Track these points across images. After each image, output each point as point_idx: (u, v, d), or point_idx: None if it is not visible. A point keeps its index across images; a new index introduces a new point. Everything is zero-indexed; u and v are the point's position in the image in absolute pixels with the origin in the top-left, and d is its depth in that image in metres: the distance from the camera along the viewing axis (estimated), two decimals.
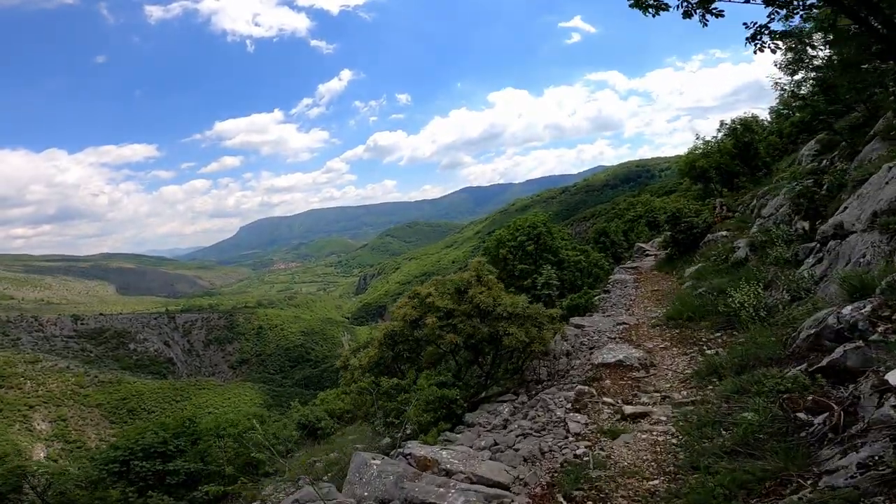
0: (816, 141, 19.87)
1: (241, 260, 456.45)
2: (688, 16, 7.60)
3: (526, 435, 5.48)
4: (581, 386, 6.99)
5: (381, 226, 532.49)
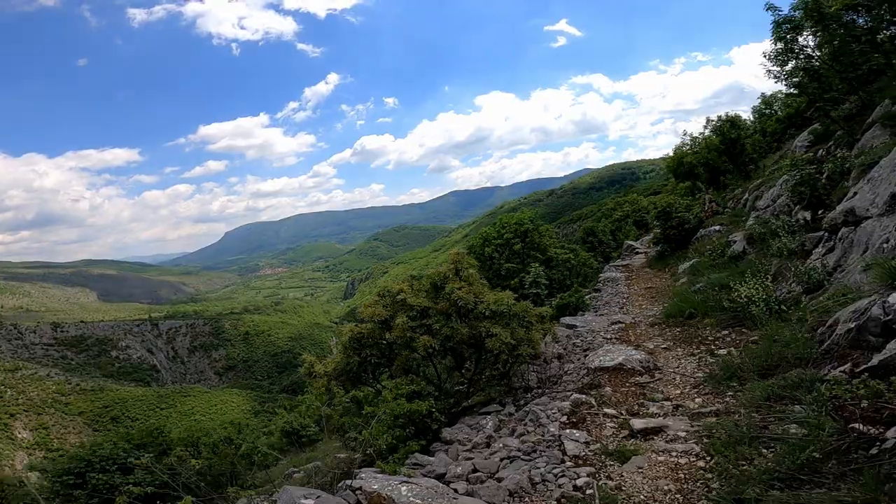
0: (809, 132, 19.39)
1: (227, 265, 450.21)
2: None
3: (512, 458, 4.50)
4: (577, 394, 6.03)
5: (369, 230, 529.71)
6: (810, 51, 15.81)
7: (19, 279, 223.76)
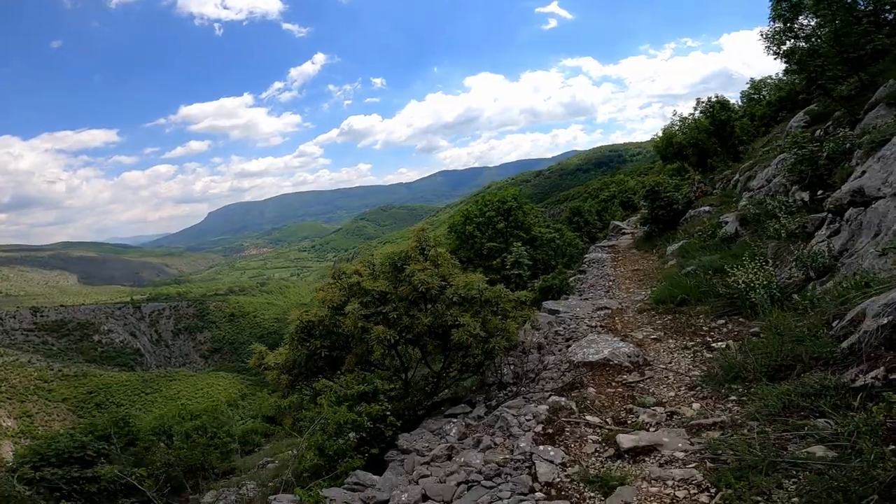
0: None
1: (211, 246, 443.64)
2: None
3: (471, 484, 3.64)
4: (556, 397, 5.21)
5: (356, 210, 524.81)
6: (810, 30, 15.14)
7: None
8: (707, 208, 17.37)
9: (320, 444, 4.65)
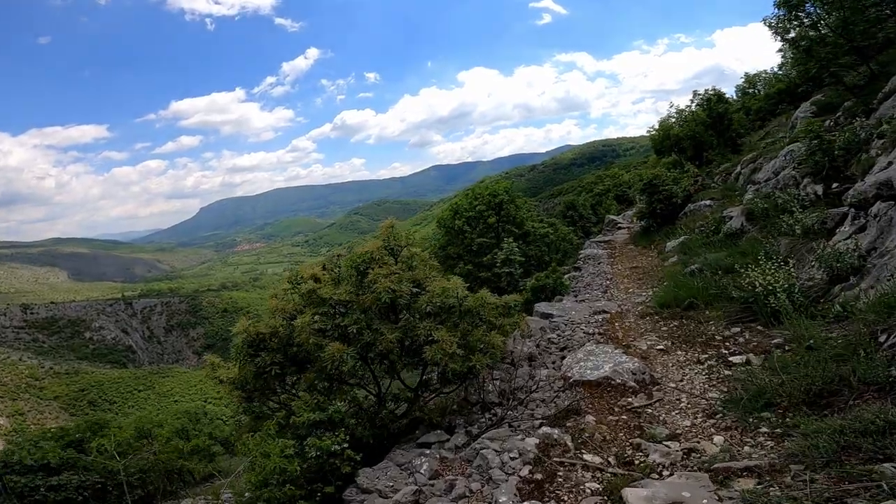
0: (812, 103, 17.90)
1: (203, 242, 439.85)
2: None
3: None
4: (547, 428, 4.33)
5: (350, 204, 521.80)
6: (816, 17, 14.44)
7: None
8: (708, 202, 16.56)
9: (276, 474, 3.80)
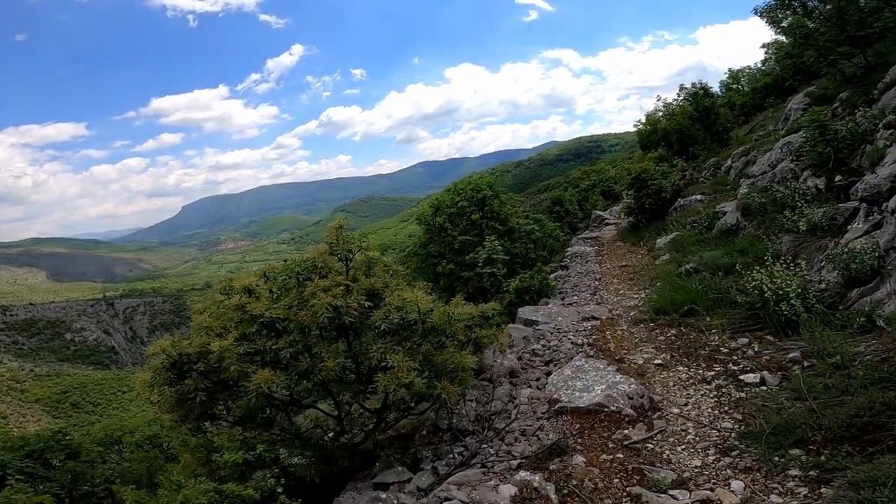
0: (805, 94, 17.34)
1: (186, 240, 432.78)
2: None
3: None
4: (526, 473, 3.51)
5: (336, 201, 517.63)
6: (811, 6, 13.91)
7: None
8: (699, 197, 15.93)
9: None
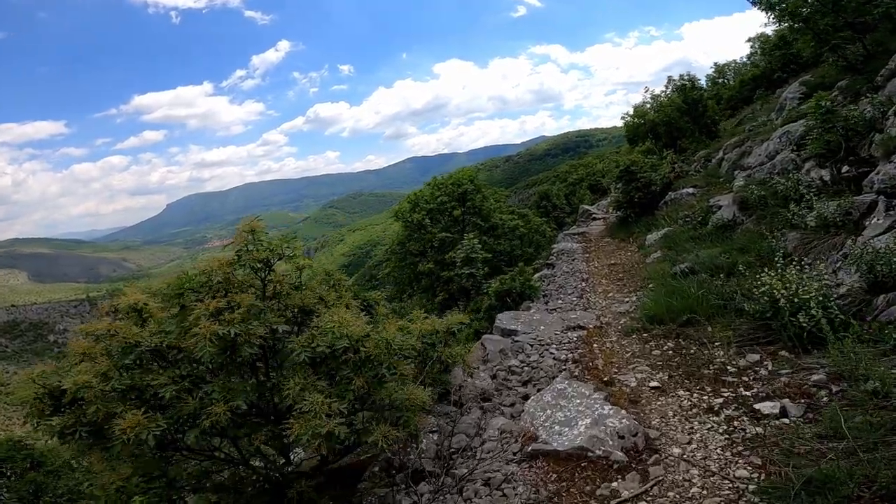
0: (801, 83, 16.68)
1: (171, 239, 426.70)
2: None
3: None
4: None
5: (324, 198, 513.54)
6: None
7: None
8: (690, 190, 15.14)
9: None
